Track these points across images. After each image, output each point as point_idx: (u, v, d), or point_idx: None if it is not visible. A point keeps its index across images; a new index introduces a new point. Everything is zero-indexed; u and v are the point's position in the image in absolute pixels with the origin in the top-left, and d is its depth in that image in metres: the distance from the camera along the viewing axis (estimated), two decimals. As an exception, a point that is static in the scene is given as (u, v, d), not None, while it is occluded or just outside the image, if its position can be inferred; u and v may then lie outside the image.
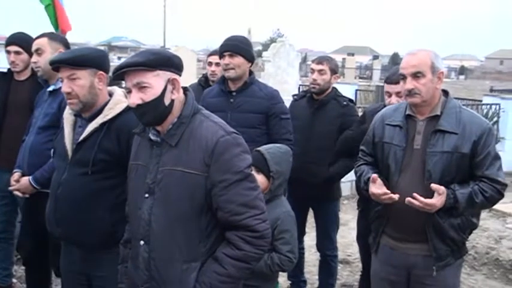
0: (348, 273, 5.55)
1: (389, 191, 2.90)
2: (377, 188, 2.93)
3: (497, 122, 10.88)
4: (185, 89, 2.30)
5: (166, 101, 2.18)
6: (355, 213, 6.93)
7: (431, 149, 2.88)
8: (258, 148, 3.17)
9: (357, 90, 15.09)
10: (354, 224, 6.95)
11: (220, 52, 3.93)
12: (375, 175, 2.96)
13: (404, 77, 2.90)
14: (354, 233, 6.46)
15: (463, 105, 10.43)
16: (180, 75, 2.23)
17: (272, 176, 3.08)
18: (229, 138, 2.17)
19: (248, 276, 2.31)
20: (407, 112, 3.00)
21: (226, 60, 3.88)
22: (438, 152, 2.86)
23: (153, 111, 2.17)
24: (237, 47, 3.91)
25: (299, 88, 11.60)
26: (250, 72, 4.02)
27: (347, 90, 14.06)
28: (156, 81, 2.15)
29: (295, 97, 4.69)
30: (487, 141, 2.88)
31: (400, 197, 2.86)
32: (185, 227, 2.17)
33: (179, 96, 2.23)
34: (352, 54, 39.19)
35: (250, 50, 3.99)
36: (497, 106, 10.92)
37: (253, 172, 2.98)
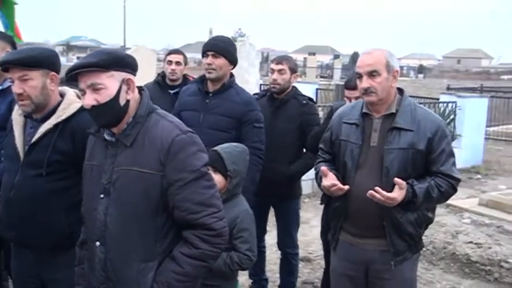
0: (309, 271, 5.59)
1: (338, 182, 2.94)
2: (327, 180, 2.97)
3: (453, 119, 11.12)
4: (140, 89, 2.28)
5: (122, 102, 2.16)
6: (317, 211, 7.03)
7: (388, 146, 2.93)
8: (215, 148, 3.17)
9: (317, 89, 15.20)
10: (315, 222, 7.05)
11: (204, 51, 3.90)
12: (324, 168, 3.00)
13: (360, 76, 2.94)
14: (315, 231, 6.55)
15: (421, 103, 10.65)
16: (134, 75, 2.21)
17: (229, 175, 3.08)
18: (184, 137, 2.17)
19: (206, 274, 2.31)
20: (364, 110, 3.04)
21: (209, 60, 3.85)
22: (395, 149, 2.92)
23: (108, 112, 2.15)
24: (221, 48, 3.88)
25: (260, 87, 11.62)
26: (231, 75, 4.00)
27: (308, 89, 14.12)
28: (110, 82, 2.12)
29: (255, 96, 4.70)
30: (442, 138, 2.95)
31: (357, 194, 2.90)
32: (141, 226, 2.16)
33: (134, 96, 2.21)
34: (314, 54, 39.44)
35: (234, 53, 3.97)
36: (454, 104, 11.15)
37: (210, 172, 2.99)
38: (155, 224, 2.17)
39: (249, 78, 10.42)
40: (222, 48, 3.86)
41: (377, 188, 2.81)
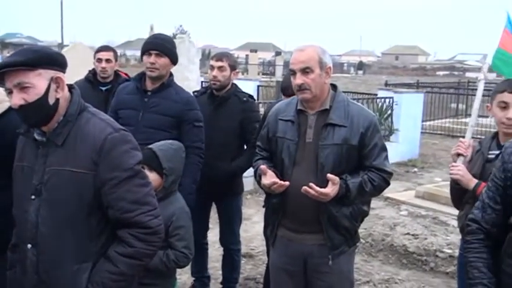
0: (252, 267, 5.62)
1: (278, 180, 2.97)
2: (267, 179, 2.99)
3: (391, 114, 11.40)
4: (70, 87, 2.24)
5: (51, 100, 2.11)
6: (259, 208, 7.07)
7: (322, 142, 2.98)
8: (150, 146, 3.16)
9: (258, 86, 15.29)
10: (257, 218, 7.10)
11: (147, 49, 3.86)
12: (263, 166, 3.03)
13: (294, 73, 2.98)
14: (257, 227, 6.60)
15: (360, 99, 10.84)
16: (64, 73, 2.17)
17: (165, 173, 3.07)
18: (117, 135, 2.15)
19: (142, 273, 2.30)
20: (299, 107, 3.08)
21: (152, 59, 3.82)
22: (329, 144, 2.97)
23: (37, 112, 2.10)
24: (165, 47, 3.87)
25: (202, 84, 11.59)
26: (170, 74, 3.98)
27: (249, 86, 14.19)
28: (38, 81, 2.07)
29: (195, 94, 4.69)
30: (374, 133, 3.03)
31: (295, 190, 2.94)
32: (74, 227, 2.12)
33: (64, 94, 2.17)
34: (255, 51, 39.37)
35: (176, 52, 3.97)
36: (391, 99, 11.44)
37: (146, 170, 2.96)
38: (89, 224, 2.14)
39: (189, 76, 10.38)
40: (166, 47, 3.87)
41: (311, 184, 2.86)
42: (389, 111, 11.38)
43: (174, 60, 3.93)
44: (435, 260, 5.77)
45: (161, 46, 3.85)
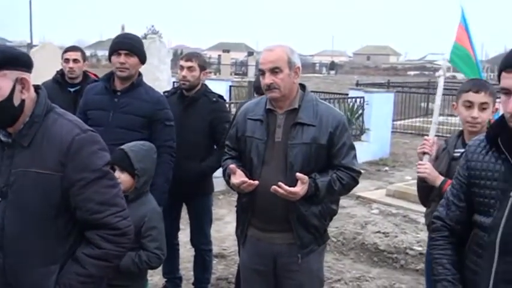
0: (224, 267, 5.63)
1: (247, 179, 2.98)
2: (236, 178, 3.00)
3: (362, 114, 11.52)
4: (37, 87, 2.21)
5: (16, 102, 2.09)
6: (231, 208, 7.08)
7: (291, 141, 3.00)
8: (121, 146, 3.14)
9: (230, 86, 15.30)
10: (229, 219, 7.10)
11: (116, 49, 3.84)
12: (232, 166, 3.04)
13: (263, 72, 3.00)
14: (229, 227, 6.60)
15: (332, 99, 10.91)
16: (30, 73, 2.14)
17: (137, 174, 3.06)
18: (85, 136, 2.13)
19: (111, 274, 2.29)
20: (268, 106, 3.10)
21: (122, 59, 3.80)
22: (298, 143, 2.99)
23: (2, 113, 2.06)
24: (134, 47, 3.85)
25: (173, 84, 11.54)
26: (139, 74, 3.97)
27: (221, 87, 14.19)
28: (3, 82, 2.03)
29: (165, 94, 4.68)
30: (342, 132, 3.06)
31: (264, 189, 2.95)
32: (41, 229, 2.10)
33: (30, 95, 2.14)
34: (228, 51, 39.46)
35: (144, 52, 3.96)
36: (362, 99, 11.56)
37: (117, 171, 2.95)
38: (56, 226, 2.12)
39: (160, 76, 10.31)
40: (135, 47, 3.86)
41: (280, 183, 2.88)
42: (360, 111, 11.50)
43: (142, 60, 3.93)
44: (405, 258, 5.85)
45: (130, 46, 3.84)
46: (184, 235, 5.14)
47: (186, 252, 5.41)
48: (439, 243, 2.23)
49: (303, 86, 3.16)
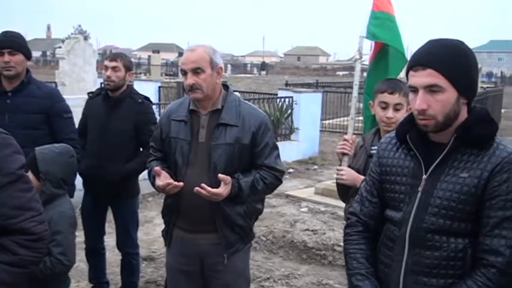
0: (153, 270, 5.57)
1: (172, 180, 2.97)
2: (161, 180, 2.99)
3: (291, 113, 11.69)
4: None
5: None
6: (160, 210, 7.00)
7: (215, 142, 3.01)
8: (37, 148, 3.07)
9: (160, 87, 15.16)
10: (158, 221, 7.03)
11: None
12: (157, 167, 3.02)
13: (185, 73, 3.00)
14: (158, 230, 6.53)
15: (261, 99, 10.99)
16: None
17: (41, 177, 2.98)
18: None
19: (25, 281, 2.22)
20: (191, 107, 3.10)
21: (6, 57, 3.71)
22: (221, 144, 3.01)
23: None
24: (17, 43, 3.78)
25: (101, 85, 11.32)
26: (27, 71, 3.88)
27: (151, 88, 14.05)
28: None
29: (90, 95, 4.61)
30: (265, 132, 3.09)
31: (189, 190, 2.94)
32: None
33: None
34: (158, 52, 38.98)
35: (28, 47, 3.88)
36: (291, 99, 11.73)
37: (29, 174, 2.86)
38: None
39: (85, 77, 10.09)
40: (18, 43, 3.81)
41: (202, 184, 2.88)
42: (289, 111, 11.66)
43: (28, 56, 3.89)
44: (333, 254, 5.97)
45: (13, 43, 3.79)
46: (112, 239, 5.05)
47: (115, 256, 5.32)
48: (353, 238, 2.29)
49: (226, 86, 3.18)
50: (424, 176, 2.06)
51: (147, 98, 4.58)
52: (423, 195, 2.05)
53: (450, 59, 1.98)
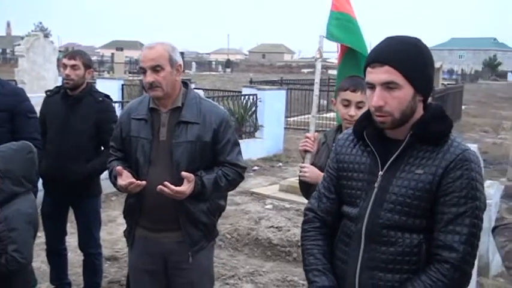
0: (116, 270, 5.52)
1: (134, 180, 2.95)
2: (123, 179, 2.96)
3: (255, 111, 11.71)
4: None
5: None
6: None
7: (176, 140, 3.00)
8: None
9: (123, 85, 14.99)
10: (122, 220, 6.89)
11: None
12: (119, 167, 3.00)
13: (144, 71, 2.97)
14: (122, 229, 6.40)
15: (225, 96, 10.99)
16: None
17: (0, 176, 2.93)
18: None
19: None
20: (151, 105, 3.08)
21: None
22: (183, 142, 3.00)
23: None
24: None
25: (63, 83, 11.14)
26: None
27: (114, 86, 13.88)
28: None
29: (48, 93, 4.53)
30: (226, 129, 3.10)
31: (151, 189, 2.93)
32: None
33: None
34: (121, 49, 38.55)
35: None
36: (255, 96, 11.75)
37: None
38: None
39: (46, 75, 9.91)
40: None
41: (165, 182, 2.88)
42: (253, 108, 11.68)
43: None
44: (297, 251, 5.99)
45: None
46: (74, 239, 4.99)
47: (77, 256, 5.25)
48: (310, 234, 2.29)
49: (185, 84, 3.17)
50: (380, 172, 2.08)
51: (108, 96, 4.53)
52: (379, 191, 2.07)
53: (407, 56, 2.01)
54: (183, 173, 2.91)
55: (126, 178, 2.97)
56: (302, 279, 5.40)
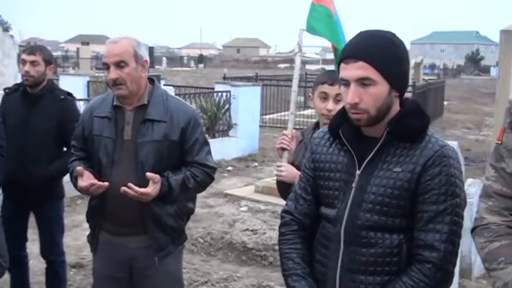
0: (82, 277, 5.47)
1: (96, 181, 2.92)
2: (84, 181, 2.93)
3: (229, 108, 11.68)
4: None
5: None
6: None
7: (141, 139, 2.98)
8: None
9: (88, 81, 14.82)
10: (87, 225, 6.88)
11: None
12: (79, 168, 2.96)
13: (108, 67, 2.94)
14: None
15: (197, 93, 10.95)
16: None
17: None
18: None
19: None
20: (115, 103, 3.04)
21: None
22: (149, 141, 2.97)
23: None
24: None
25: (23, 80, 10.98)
26: None
27: (79, 82, 13.71)
28: None
29: (6, 91, 4.46)
30: (194, 128, 3.08)
31: (115, 191, 2.90)
32: None
33: None
34: (87, 44, 38.25)
35: None
36: (228, 93, 11.72)
37: None
38: None
39: (5, 71, 9.77)
40: None
41: (129, 184, 2.85)
42: (227, 106, 11.65)
43: None
44: (274, 254, 5.97)
45: None
46: (36, 246, 4.92)
47: (40, 264, 5.17)
48: (288, 237, 2.28)
49: (152, 80, 3.14)
50: (358, 172, 2.09)
51: (70, 94, 4.47)
52: (357, 191, 2.07)
53: (382, 51, 2.01)
54: (148, 174, 2.89)
55: (87, 179, 2.93)
56: (278, 284, 5.39)
